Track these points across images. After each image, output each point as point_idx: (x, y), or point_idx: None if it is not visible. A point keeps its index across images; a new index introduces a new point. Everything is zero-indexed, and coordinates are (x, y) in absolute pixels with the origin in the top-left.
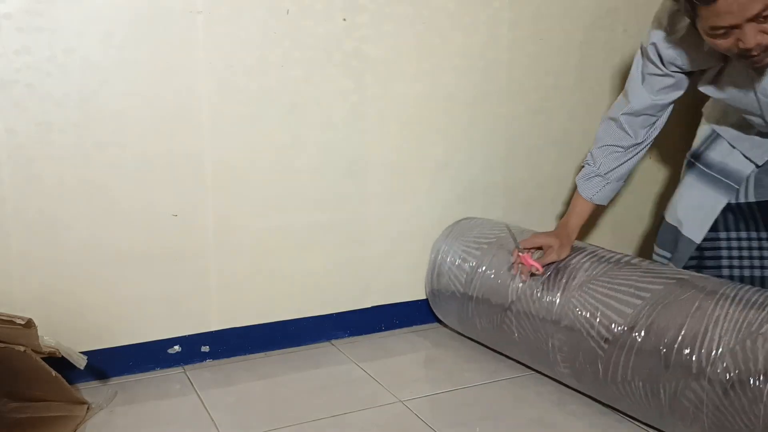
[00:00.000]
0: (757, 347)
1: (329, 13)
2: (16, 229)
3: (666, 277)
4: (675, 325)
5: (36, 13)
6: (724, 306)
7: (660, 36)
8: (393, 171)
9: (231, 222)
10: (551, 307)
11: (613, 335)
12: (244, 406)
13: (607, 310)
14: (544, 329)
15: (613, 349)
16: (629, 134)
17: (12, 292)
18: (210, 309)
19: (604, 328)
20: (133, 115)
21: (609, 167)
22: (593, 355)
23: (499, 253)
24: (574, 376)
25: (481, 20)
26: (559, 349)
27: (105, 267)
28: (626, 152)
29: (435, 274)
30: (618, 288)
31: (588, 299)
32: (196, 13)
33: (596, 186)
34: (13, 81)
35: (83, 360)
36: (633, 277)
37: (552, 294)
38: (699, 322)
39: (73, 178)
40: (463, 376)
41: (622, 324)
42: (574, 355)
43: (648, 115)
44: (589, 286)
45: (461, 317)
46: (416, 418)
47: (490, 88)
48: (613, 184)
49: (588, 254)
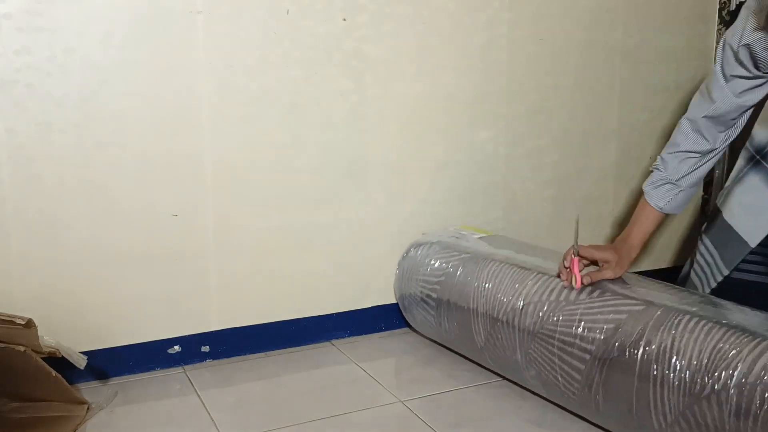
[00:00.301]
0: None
1: (329, 13)
2: (16, 229)
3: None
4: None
5: (36, 13)
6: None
7: (755, 37)
8: (393, 171)
9: (231, 222)
10: (517, 351)
11: (577, 390)
12: (244, 406)
13: (563, 365)
14: (515, 359)
15: (582, 395)
16: (707, 139)
17: (12, 292)
18: (210, 309)
19: (567, 383)
20: (133, 115)
21: (681, 173)
22: (566, 398)
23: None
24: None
25: (481, 20)
26: (537, 388)
27: (105, 267)
28: (702, 158)
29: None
30: (563, 345)
31: (544, 352)
32: (196, 13)
33: (668, 194)
34: (13, 81)
35: (83, 360)
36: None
37: (512, 343)
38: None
39: (73, 178)
40: (463, 376)
41: (580, 381)
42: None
43: (730, 118)
44: (538, 338)
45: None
46: (416, 418)
47: (490, 88)
48: (686, 192)
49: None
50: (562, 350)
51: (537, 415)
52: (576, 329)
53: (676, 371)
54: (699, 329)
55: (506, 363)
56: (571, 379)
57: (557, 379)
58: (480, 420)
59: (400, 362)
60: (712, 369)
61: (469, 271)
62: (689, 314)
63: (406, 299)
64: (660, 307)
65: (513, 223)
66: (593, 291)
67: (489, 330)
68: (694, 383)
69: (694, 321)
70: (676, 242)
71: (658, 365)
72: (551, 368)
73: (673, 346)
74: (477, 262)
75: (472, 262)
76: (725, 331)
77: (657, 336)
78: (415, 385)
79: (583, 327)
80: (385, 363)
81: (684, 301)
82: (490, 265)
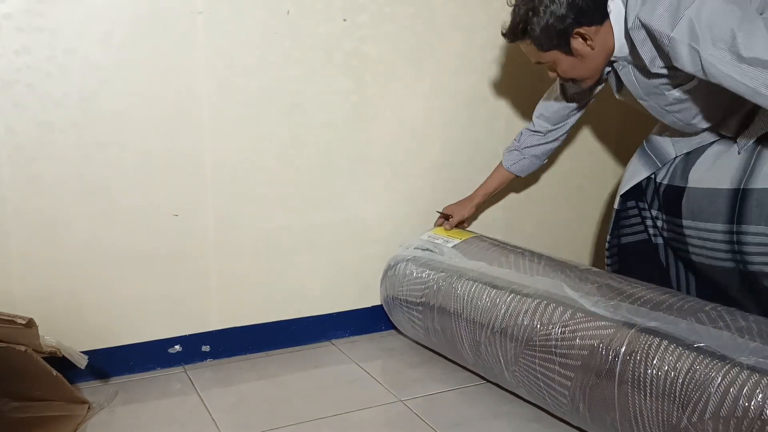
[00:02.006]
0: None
1: (329, 13)
2: (16, 229)
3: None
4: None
5: (36, 13)
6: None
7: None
8: (393, 171)
9: (231, 222)
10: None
11: (567, 408)
12: (244, 405)
13: (549, 389)
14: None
15: (571, 412)
16: (547, 125)
17: (12, 292)
18: (210, 309)
19: (556, 404)
20: (133, 115)
21: (526, 145)
22: (558, 410)
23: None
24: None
25: (481, 20)
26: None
27: (105, 267)
28: (543, 137)
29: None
30: (545, 371)
31: (528, 376)
32: (196, 13)
33: (514, 158)
34: (13, 81)
35: (84, 359)
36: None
37: (499, 363)
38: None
39: (73, 178)
40: (464, 375)
41: (566, 404)
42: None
43: (559, 116)
44: (521, 361)
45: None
46: (416, 417)
47: (490, 88)
48: (529, 160)
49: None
50: (545, 375)
51: (537, 414)
52: (554, 356)
53: (653, 398)
54: (670, 353)
55: (497, 377)
56: (560, 396)
57: (545, 399)
58: (480, 419)
59: (400, 362)
60: (686, 400)
61: (445, 292)
62: (659, 336)
63: (394, 312)
64: (630, 329)
65: (512, 223)
66: (564, 312)
67: (475, 351)
68: (671, 415)
69: (663, 346)
70: None
71: (635, 391)
72: (538, 390)
73: (645, 377)
74: (450, 284)
75: (446, 286)
76: (695, 356)
77: (629, 366)
78: (415, 384)
79: (560, 353)
80: (385, 363)
81: (651, 316)
82: (463, 287)
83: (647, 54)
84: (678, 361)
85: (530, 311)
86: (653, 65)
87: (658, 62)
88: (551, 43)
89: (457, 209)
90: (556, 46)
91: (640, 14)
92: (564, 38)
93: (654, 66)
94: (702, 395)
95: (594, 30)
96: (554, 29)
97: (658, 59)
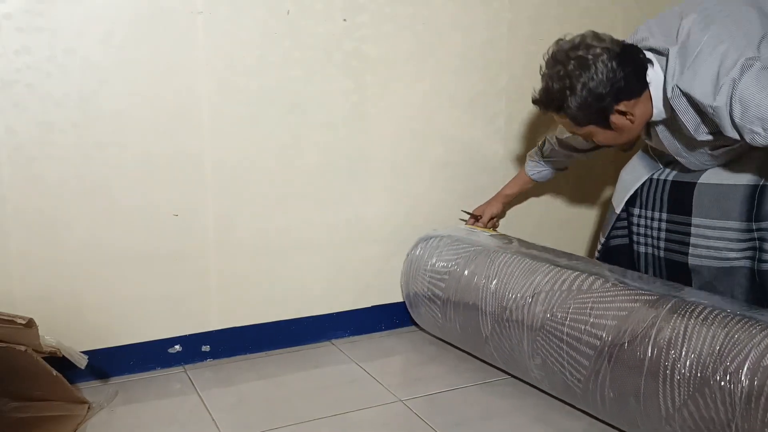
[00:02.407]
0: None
1: (329, 13)
2: (16, 229)
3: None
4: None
5: (36, 13)
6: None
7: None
8: (393, 171)
9: (231, 222)
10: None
11: (583, 377)
12: (244, 405)
13: (572, 351)
14: (521, 349)
15: (588, 382)
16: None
17: (12, 292)
18: (210, 309)
19: (573, 370)
20: (133, 115)
21: (551, 158)
22: (570, 389)
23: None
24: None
25: (481, 20)
26: (541, 381)
27: (105, 267)
28: (567, 157)
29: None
30: (573, 332)
31: (553, 339)
32: (196, 13)
33: (537, 167)
34: (14, 81)
35: (84, 359)
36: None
37: (520, 331)
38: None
39: (74, 178)
40: (464, 376)
41: (588, 367)
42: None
43: (584, 145)
44: (547, 325)
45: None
46: (416, 417)
47: (490, 88)
48: (549, 170)
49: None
50: (572, 336)
51: (539, 413)
52: (587, 317)
53: (689, 355)
54: (712, 318)
55: (511, 354)
56: (579, 366)
57: (563, 366)
58: (480, 419)
59: (400, 362)
60: (725, 354)
61: (479, 262)
62: (702, 305)
63: (411, 293)
64: (673, 298)
65: (512, 223)
66: (606, 282)
67: (497, 319)
68: (705, 367)
69: (707, 310)
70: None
71: (670, 351)
72: (558, 355)
73: (686, 333)
74: (488, 255)
75: (483, 255)
76: (739, 319)
77: (669, 324)
78: (415, 384)
79: (595, 314)
80: (385, 362)
81: (691, 294)
82: (501, 257)
83: (691, 122)
84: (720, 324)
85: (569, 280)
86: (698, 133)
87: (703, 128)
88: (588, 120)
89: (486, 207)
90: (594, 122)
91: (680, 83)
92: (603, 114)
93: (699, 134)
94: (742, 350)
95: (633, 103)
96: (593, 108)
97: (702, 126)
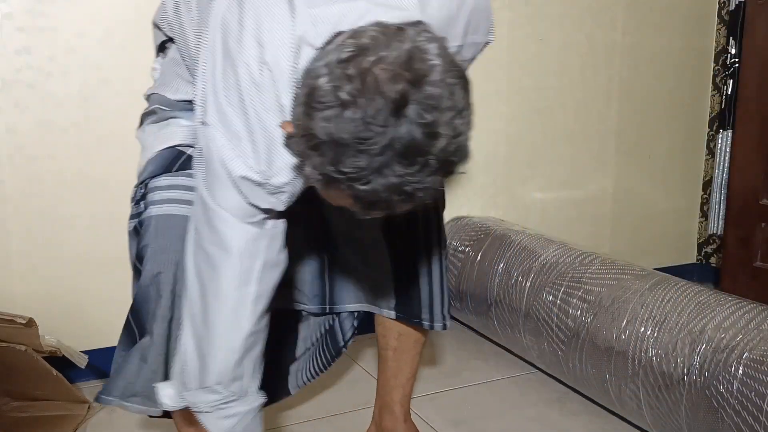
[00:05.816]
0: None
1: None
2: (16, 228)
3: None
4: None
5: (37, 13)
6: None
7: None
8: None
9: None
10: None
11: (566, 338)
12: None
13: (561, 313)
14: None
15: (569, 343)
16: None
17: (13, 292)
18: None
19: (559, 331)
20: (133, 114)
21: None
22: (553, 352)
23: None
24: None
25: None
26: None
27: (105, 267)
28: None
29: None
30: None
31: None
32: None
33: None
34: (14, 81)
35: (84, 359)
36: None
37: (521, 295)
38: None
39: (74, 177)
40: (464, 375)
41: (572, 328)
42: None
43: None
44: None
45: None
46: (416, 417)
47: (490, 88)
48: None
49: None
50: (564, 301)
51: (539, 413)
52: (582, 283)
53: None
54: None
55: (510, 321)
56: (565, 327)
57: (551, 328)
58: (480, 419)
59: None
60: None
61: (496, 236)
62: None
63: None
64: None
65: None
66: (606, 260)
67: (503, 286)
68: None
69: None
70: (675, 241)
71: (650, 320)
72: (548, 318)
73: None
74: (506, 233)
75: (502, 233)
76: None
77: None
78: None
79: (589, 281)
80: None
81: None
82: (518, 237)
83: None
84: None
85: (579, 256)
86: None
87: None
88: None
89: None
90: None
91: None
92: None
93: None
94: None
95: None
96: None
97: None
